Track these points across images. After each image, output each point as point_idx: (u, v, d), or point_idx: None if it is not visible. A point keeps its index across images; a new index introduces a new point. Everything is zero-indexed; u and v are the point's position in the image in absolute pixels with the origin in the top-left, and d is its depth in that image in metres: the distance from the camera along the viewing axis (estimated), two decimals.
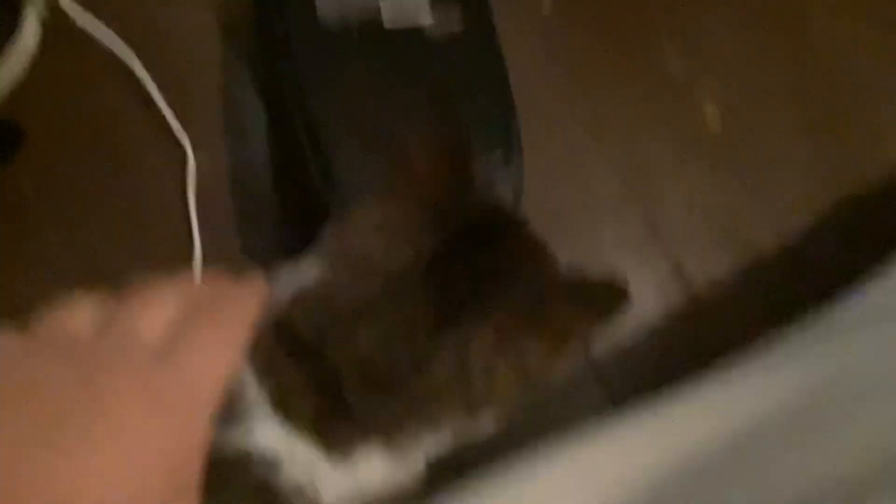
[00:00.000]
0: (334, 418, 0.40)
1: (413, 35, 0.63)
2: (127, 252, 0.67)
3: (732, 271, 0.73)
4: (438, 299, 0.41)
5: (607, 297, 0.42)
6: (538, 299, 0.42)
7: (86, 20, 0.68)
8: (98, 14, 0.68)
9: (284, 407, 0.39)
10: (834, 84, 0.82)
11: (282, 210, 0.70)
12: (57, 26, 0.68)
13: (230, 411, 0.38)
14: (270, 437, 0.39)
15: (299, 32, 0.63)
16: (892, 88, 0.83)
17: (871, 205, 0.77)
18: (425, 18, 0.64)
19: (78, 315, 0.32)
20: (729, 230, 0.75)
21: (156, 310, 0.32)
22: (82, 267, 0.66)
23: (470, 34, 0.65)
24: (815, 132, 0.80)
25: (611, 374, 0.69)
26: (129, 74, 0.68)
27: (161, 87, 0.68)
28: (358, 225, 0.44)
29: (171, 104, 0.68)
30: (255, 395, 0.39)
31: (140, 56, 0.68)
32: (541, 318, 0.42)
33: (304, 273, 0.43)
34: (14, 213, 0.66)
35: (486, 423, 0.43)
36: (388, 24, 0.63)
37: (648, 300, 0.72)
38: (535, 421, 0.52)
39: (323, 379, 0.40)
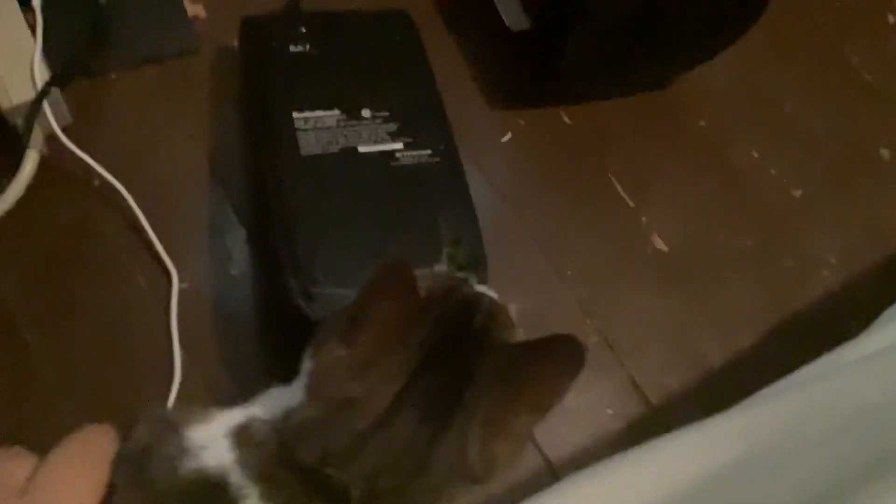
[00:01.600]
0: None
1: (385, 158, 0.71)
2: (111, 371, 0.69)
3: (684, 381, 0.78)
4: (428, 412, 0.45)
5: (568, 353, 0.46)
6: (514, 374, 0.47)
7: (81, 157, 0.73)
8: (92, 151, 0.73)
9: None
10: (766, 212, 0.91)
11: (264, 332, 0.73)
12: (54, 161, 0.74)
13: None
14: None
15: (283, 163, 0.69)
16: (821, 215, 0.91)
17: (808, 316, 0.84)
18: (396, 144, 0.71)
19: None
20: (679, 343, 0.81)
21: (24, 459, 0.41)
22: (67, 385, 0.68)
23: (436, 159, 0.72)
24: (751, 256, 0.88)
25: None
26: (120, 205, 0.74)
27: (148, 216, 0.73)
28: (330, 368, 0.47)
29: (157, 232, 0.73)
30: None
31: (129, 188, 0.73)
32: (521, 393, 0.47)
33: (293, 395, 0.48)
34: (1, 327, 0.69)
35: (492, 489, 0.48)
36: (362, 150, 0.70)
37: (607, 410, 0.76)
38: None
39: (333, 498, 0.44)
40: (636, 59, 0.86)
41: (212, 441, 0.46)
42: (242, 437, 0.46)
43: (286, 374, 0.50)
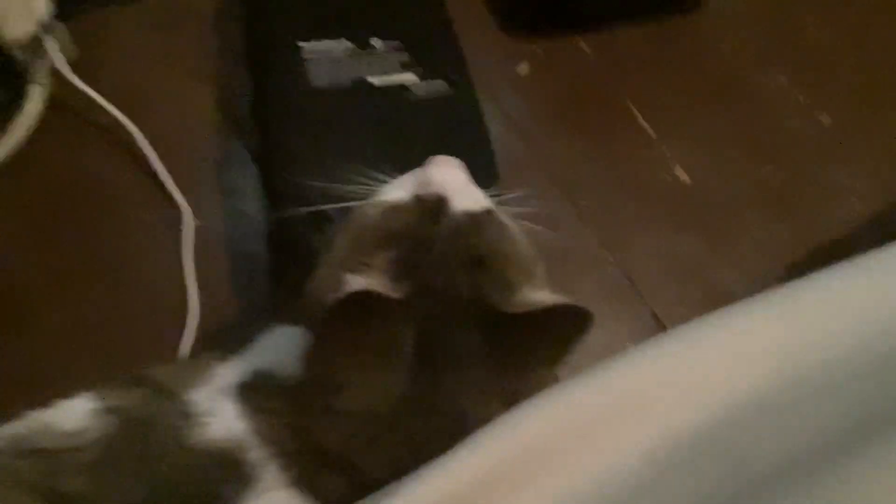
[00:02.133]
0: None
1: (399, 92, 0.68)
2: (124, 313, 0.69)
3: (704, 312, 0.77)
4: (435, 387, 0.45)
5: (573, 321, 0.46)
6: (515, 339, 0.46)
7: (87, 92, 0.71)
8: (99, 87, 0.72)
9: None
10: (793, 140, 0.88)
11: (277, 269, 0.72)
12: (60, 99, 0.73)
13: None
14: None
15: (292, 96, 0.67)
16: (850, 142, 0.88)
17: (835, 247, 0.81)
18: (408, 75, 0.69)
19: None
20: (701, 276, 0.79)
21: None
22: (80, 328, 0.67)
23: (451, 91, 0.70)
24: (775, 187, 0.85)
25: None
26: (128, 142, 0.72)
27: (159, 153, 0.72)
28: (327, 357, 0.46)
29: (168, 168, 0.72)
30: None
31: (138, 124, 0.72)
32: (530, 358, 0.47)
33: (296, 343, 0.47)
34: (10, 270, 0.69)
35: None
36: (376, 83, 0.68)
37: (627, 344, 0.75)
38: None
39: (363, 483, 0.44)
40: None
41: (217, 407, 0.46)
42: (251, 401, 0.46)
43: (294, 315, 0.50)
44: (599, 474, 0.35)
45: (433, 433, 0.45)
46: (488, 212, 0.51)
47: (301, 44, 0.69)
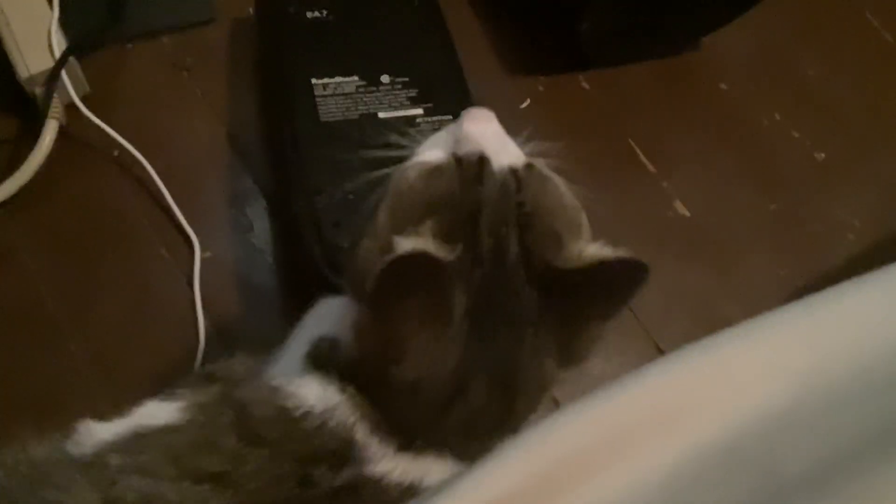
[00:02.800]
0: None
1: (406, 124, 0.70)
2: (136, 341, 0.70)
3: None
4: (492, 348, 0.45)
5: (630, 274, 0.45)
6: (571, 294, 0.45)
7: (101, 126, 0.73)
8: (112, 122, 0.74)
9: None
10: (789, 175, 0.90)
11: (287, 301, 0.73)
12: (74, 132, 0.74)
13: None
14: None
15: (303, 130, 0.68)
16: (844, 178, 0.90)
17: (833, 281, 0.82)
18: (416, 109, 0.71)
19: None
20: (703, 309, 0.80)
21: None
22: (94, 357, 0.68)
23: None
24: (774, 221, 0.87)
25: None
26: (140, 175, 0.74)
27: (169, 187, 0.73)
28: (381, 327, 0.45)
29: (179, 201, 0.73)
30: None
31: (150, 158, 0.74)
32: (583, 314, 0.47)
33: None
34: (23, 297, 0.70)
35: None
36: (382, 115, 0.70)
37: None
38: None
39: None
40: (655, 22, 0.85)
41: (298, 379, 0.47)
42: (325, 368, 0.47)
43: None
44: (629, 487, 0.35)
45: (492, 395, 0.45)
46: (529, 166, 0.50)
47: (314, 80, 0.70)
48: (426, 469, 0.46)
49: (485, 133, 0.50)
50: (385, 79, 0.72)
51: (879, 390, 0.38)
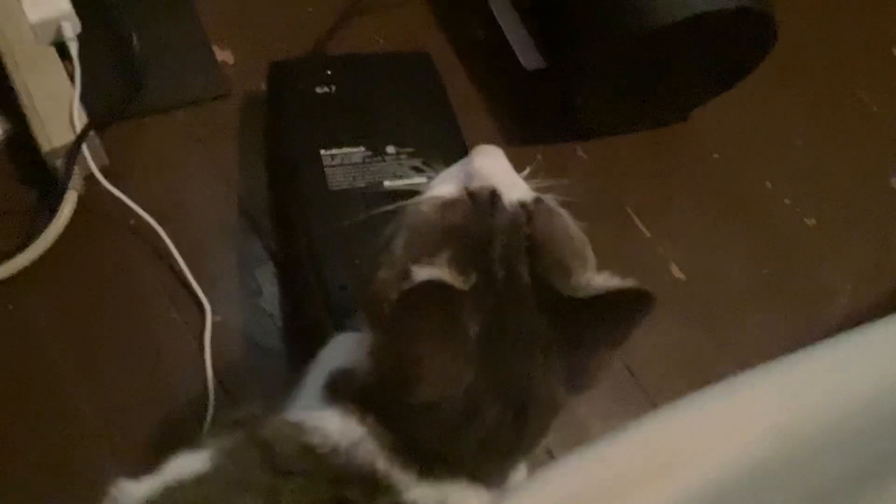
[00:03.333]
0: None
1: (410, 193, 0.72)
2: (147, 405, 0.71)
3: None
4: (502, 373, 0.47)
5: (637, 303, 0.47)
6: (580, 322, 0.47)
7: (118, 196, 0.76)
8: (128, 191, 0.77)
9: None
10: (781, 241, 0.93)
11: (296, 366, 0.75)
12: (92, 201, 0.77)
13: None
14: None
15: (312, 199, 0.71)
16: (835, 243, 0.93)
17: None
18: (421, 178, 0.73)
19: None
20: (701, 371, 0.82)
21: None
22: (106, 421, 0.70)
23: None
24: (767, 285, 0.89)
25: None
26: (155, 242, 0.76)
27: (182, 253, 0.76)
28: (398, 351, 0.47)
29: (192, 267, 0.76)
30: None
31: (164, 226, 0.76)
32: (587, 341, 0.48)
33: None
34: (39, 363, 0.71)
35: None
36: (389, 186, 0.73)
37: None
38: None
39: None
40: (648, 95, 0.89)
41: (318, 413, 0.48)
42: (343, 399, 0.48)
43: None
44: None
45: (506, 416, 0.47)
46: (538, 200, 0.52)
47: (322, 151, 0.74)
48: (446, 494, 0.47)
49: (495, 169, 0.53)
50: (391, 149, 0.76)
51: (851, 441, 0.40)
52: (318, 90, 0.79)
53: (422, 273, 0.44)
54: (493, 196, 0.50)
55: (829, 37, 1.09)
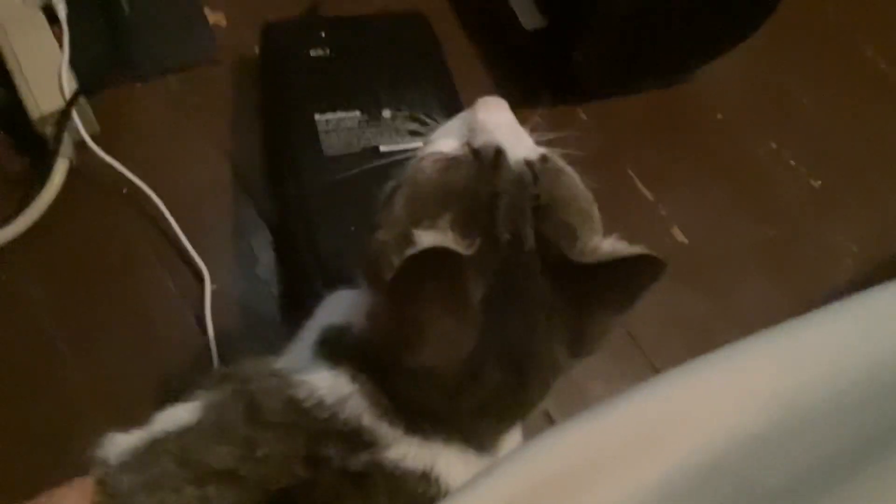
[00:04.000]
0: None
1: (407, 157, 0.71)
2: (142, 375, 0.70)
3: None
4: (506, 336, 0.46)
5: (647, 270, 0.46)
6: (585, 287, 0.46)
7: (110, 163, 0.75)
8: (121, 158, 0.75)
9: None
10: (786, 202, 0.91)
11: (291, 334, 0.74)
12: (84, 169, 0.76)
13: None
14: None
15: (306, 164, 0.70)
16: (840, 204, 0.92)
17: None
18: (417, 142, 0.72)
19: None
20: (701, 334, 0.81)
21: None
22: (100, 392, 0.69)
23: None
24: (771, 247, 0.88)
25: None
26: (149, 209, 0.75)
27: (178, 219, 0.75)
28: (399, 316, 0.46)
29: (187, 234, 0.75)
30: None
31: (158, 192, 0.75)
32: (598, 305, 0.47)
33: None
34: (32, 333, 0.71)
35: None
36: (384, 150, 0.72)
37: None
38: None
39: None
40: (650, 53, 0.87)
41: (309, 367, 0.48)
42: (336, 356, 0.48)
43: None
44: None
45: (506, 378, 0.46)
46: (544, 158, 0.51)
47: (316, 116, 0.72)
48: (436, 454, 0.47)
49: (499, 123, 0.51)
50: (386, 113, 0.74)
51: (852, 411, 0.39)
52: (313, 53, 0.77)
53: (425, 239, 0.42)
54: (498, 154, 0.48)
55: None
